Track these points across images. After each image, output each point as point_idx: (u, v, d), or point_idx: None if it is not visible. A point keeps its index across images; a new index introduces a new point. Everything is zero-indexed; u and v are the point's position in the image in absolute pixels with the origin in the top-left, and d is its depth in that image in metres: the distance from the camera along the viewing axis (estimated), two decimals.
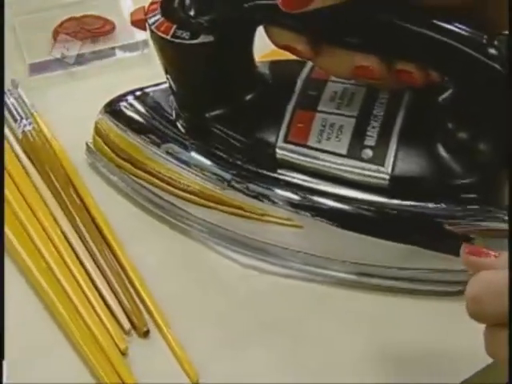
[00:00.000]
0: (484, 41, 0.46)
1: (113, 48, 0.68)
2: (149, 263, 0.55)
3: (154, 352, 0.50)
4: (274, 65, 0.56)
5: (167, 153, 0.56)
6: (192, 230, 0.57)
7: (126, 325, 0.51)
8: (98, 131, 0.60)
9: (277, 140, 0.52)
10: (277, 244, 0.54)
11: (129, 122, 0.58)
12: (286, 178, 0.52)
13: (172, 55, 0.51)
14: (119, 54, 0.69)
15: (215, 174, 0.54)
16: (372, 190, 0.50)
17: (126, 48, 0.69)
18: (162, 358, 0.50)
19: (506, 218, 0.49)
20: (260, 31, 0.50)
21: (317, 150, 0.51)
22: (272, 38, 0.50)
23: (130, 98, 0.59)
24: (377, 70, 0.48)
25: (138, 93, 0.59)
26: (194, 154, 0.55)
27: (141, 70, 0.67)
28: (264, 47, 0.52)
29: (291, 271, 0.54)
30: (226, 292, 0.54)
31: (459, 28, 0.47)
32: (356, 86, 0.53)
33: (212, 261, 0.56)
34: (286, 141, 0.51)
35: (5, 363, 0.45)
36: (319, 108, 0.52)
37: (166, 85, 0.56)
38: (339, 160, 0.50)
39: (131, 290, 0.53)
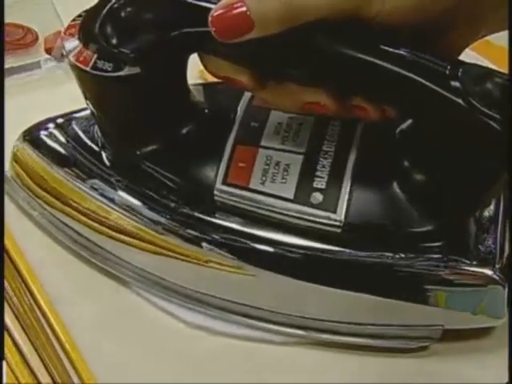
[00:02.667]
0: (447, 72, 0.40)
1: (37, 62, 0.61)
2: (79, 320, 0.49)
3: None
4: (211, 89, 0.50)
5: (93, 188, 0.49)
6: (126, 278, 0.51)
7: None
8: (16, 159, 0.54)
9: (215, 182, 0.45)
10: (224, 297, 0.48)
11: (50, 153, 0.52)
12: (227, 224, 0.46)
13: (93, 87, 0.45)
14: (45, 67, 0.61)
15: (147, 216, 0.47)
16: (323, 237, 0.45)
17: (52, 61, 0.61)
18: None
19: (471, 268, 0.43)
20: None
21: (260, 193, 0.45)
22: (208, 68, 0.44)
23: (51, 127, 0.52)
24: (329, 106, 0.42)
25: (59, 120, 0.52)
26: (121, 193, 0.48)
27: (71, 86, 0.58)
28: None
29: (243, 330, 0.49)
30: (171, 359, 0.48)
31: (419, 58, 0.41)
32: (303, 116, 0.46)
33: (151, 318, 0.50)
34: (225, 183, 0.45)
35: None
36: (262, 143, 0.46)
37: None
38: (285, 205, 0.45)
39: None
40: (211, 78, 0.45)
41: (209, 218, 0.46)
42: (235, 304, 0.48)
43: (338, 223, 0.44)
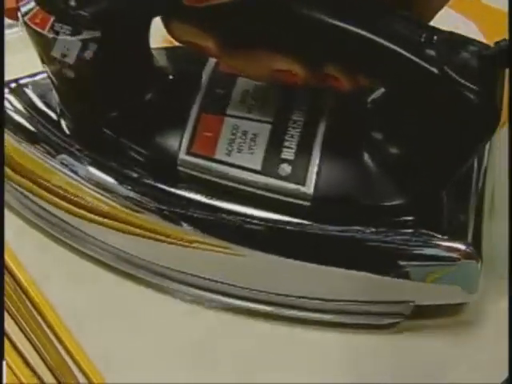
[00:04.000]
0: (422, 39, 0.38)
1: None
2: (71, 307, 0.47)
3: None
4: (174, 53, 0.47)
5: (51, 158, 0.47)
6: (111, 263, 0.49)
7: None
8: None
9: (179, 152, 0.43)
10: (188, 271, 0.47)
11: (5, 121, 0.48)
12: (191, 196, 0.44)
13: (50, 51, 0.42)
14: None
15: (106, 187, 0.45)
16: (292, 210, 0.43)
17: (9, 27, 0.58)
18: None
19: (443, 243, 0.42)
20: None
21: (226, 164, 0.43)
22: (171, 32, 0.41)
23: (5, 92, 0.49)
24: (299, 75, 0.40)
25: (12, 85, 0.49)
26: (81, 163, 0.46)
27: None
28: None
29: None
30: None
31: (393, 23, 0.39)
32: (271, 83, 0.44)
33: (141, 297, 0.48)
34: (189, 153, 0.43)
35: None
36: (228, 111, 0.44)
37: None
38: (252, 177, 0.43)
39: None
40: (175, 42, 0.42)
41: (172, 190, 0.44)
42: (201, 279, 0.46)
43: (307, 196, 0.42)
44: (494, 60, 0.38)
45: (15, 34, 0.56)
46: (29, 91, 0.49)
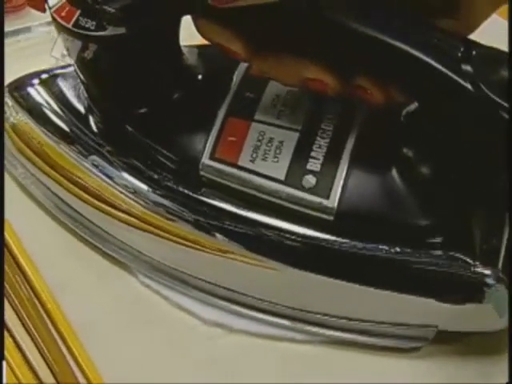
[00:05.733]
0: (459, 53, 0.36)
1: (28, 27, 0.57)
2: (80, 312, 0.46)
3: None
4: (206, 52, 0.46)
5: (77, 153, 0.46)
6: (134, 268, 0.48)
7: None
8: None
9: (202, 156, 0.42)
10: (207, 278, 0.45)
11: (35, 111, 0.48)
12: (212, 202, 0.43)
13: (75, 46, 0.41)
14: (36, 32, 0.57)
15: (128, 186, 0.44)
16: (314, 224, 0.41)
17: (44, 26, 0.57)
18: None
19: (472, 268, 0.39)
20: None
21: (249, 171, 0.41)
22: (200, 32, 0.40)
23: (36, 82, 0.48)
24: (329, 85, 0.39)
25: (44, 75, 0.48)
26: (105, 160, 0.45)
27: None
28: None
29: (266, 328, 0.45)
30: (184, 359, 0.44)
31: (430, 35, 0.37)
32: (303, 90, 0.42)
33: (162, 313, 0.46)
34: (212, 157, 0.42)
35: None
36: (256, 117, 0.42)
37: None
38: (275, 187, 0.41)
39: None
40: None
41: (192, 194, 0.43)
42: (218, 287, 0.45)
43: (330, 210, 0.40)
44: None
45: None
46: (59, 83, 0.48)
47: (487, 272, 0.40)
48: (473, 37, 0.38)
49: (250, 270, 0.42)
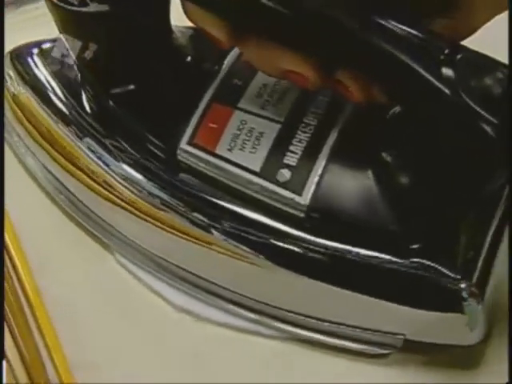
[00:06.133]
0: (442, 56, 0.34)
1: None
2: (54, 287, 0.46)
3: None
4: (199, 34, 0.44)
5: (67, 127, 0.46)
6: (112, 247, 0.47)
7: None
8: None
9: (180, 140, 0.41)
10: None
11: (31, 82, 0.48)
12: (186, 187, 0.42)
13: (61, 19, 0.41)
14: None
15: (107, 163, 0.43)
16: (285, 218, 0.40)
17: None
18: None
19: (444, 279, 0.38)
20: None
21: (225, 160, 0.40)
22: (187, 15, 0.39)
23: (35, 52, 0.48)
24: (310, 80, 0.37)
25: (45, 45, 0.48)
26: (89, 138, 0.44)
27: None
28: None
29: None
30: (151, 342, 0.44)
31: (416, 35, 0.35)
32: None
33: (137, 297, 0.46)
34: (191, 143, 0.41)
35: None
36: (240, 105, 0.42)
37: None
38: (249, 178, 0.40)
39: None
40: None
41: (170, 178, 0.42)
42: (188, 273, 0.44)
43: (301, 207, 0.39)
44: None
45: None
46: (58, 55, 0.48)
47: (460, 285, 0.39)
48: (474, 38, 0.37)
49: (219, 258, 0.42)
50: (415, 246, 0.40)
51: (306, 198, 0.39)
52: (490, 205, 0.40)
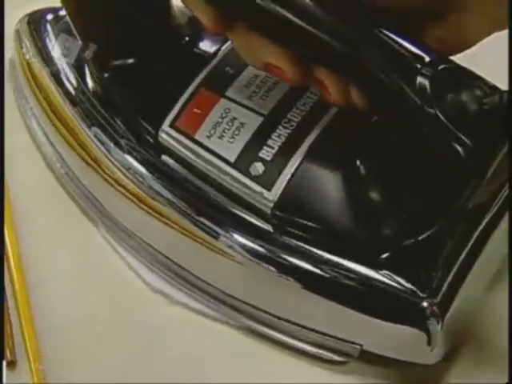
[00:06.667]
0: (419, 65, 0.33)
1: None
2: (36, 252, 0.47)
3: None
4: None
5: (70, 102, 0.46)
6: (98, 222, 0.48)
7: None
8: (17, 40, 0.51)
9: (163, 121, 0.41)
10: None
11: (43, 50, 0.49)
12: (164, 168, 0.42)
13: None
14: None
15: (97, 138, 0.44)
16: (252, 211, 0.40)
17: None
18: None
19: (406, 294, 0.37)
20: None
21: (203, 147, 0.40)
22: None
23: (49, 19, 0.49)
24: (289, 75, 0.37)
25: (61, 12, 0.48)
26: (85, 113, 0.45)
27: None
28: None
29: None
30: (122, 318, 0.45)
31: (398, 43, 0.34)
32: None
33: (116, 273, 0.47)
34: (172, 125, 0.41)
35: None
36: (227, 93, 0.41)
37: None
38: (223, 167, 0.40)
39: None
40: None
41: (149, 157, 0.43)
42: (164, 256, 0.45)
43: (268, 203, 0.39)
44: (493, 112, 0.33)
45: None
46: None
47: (423, 302, 0.38)
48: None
49: (190, 244, 0.42)
50: (383, 256, 0.38)
51: (274, 194, 0.39)
52: (466, 225, 0.38)
